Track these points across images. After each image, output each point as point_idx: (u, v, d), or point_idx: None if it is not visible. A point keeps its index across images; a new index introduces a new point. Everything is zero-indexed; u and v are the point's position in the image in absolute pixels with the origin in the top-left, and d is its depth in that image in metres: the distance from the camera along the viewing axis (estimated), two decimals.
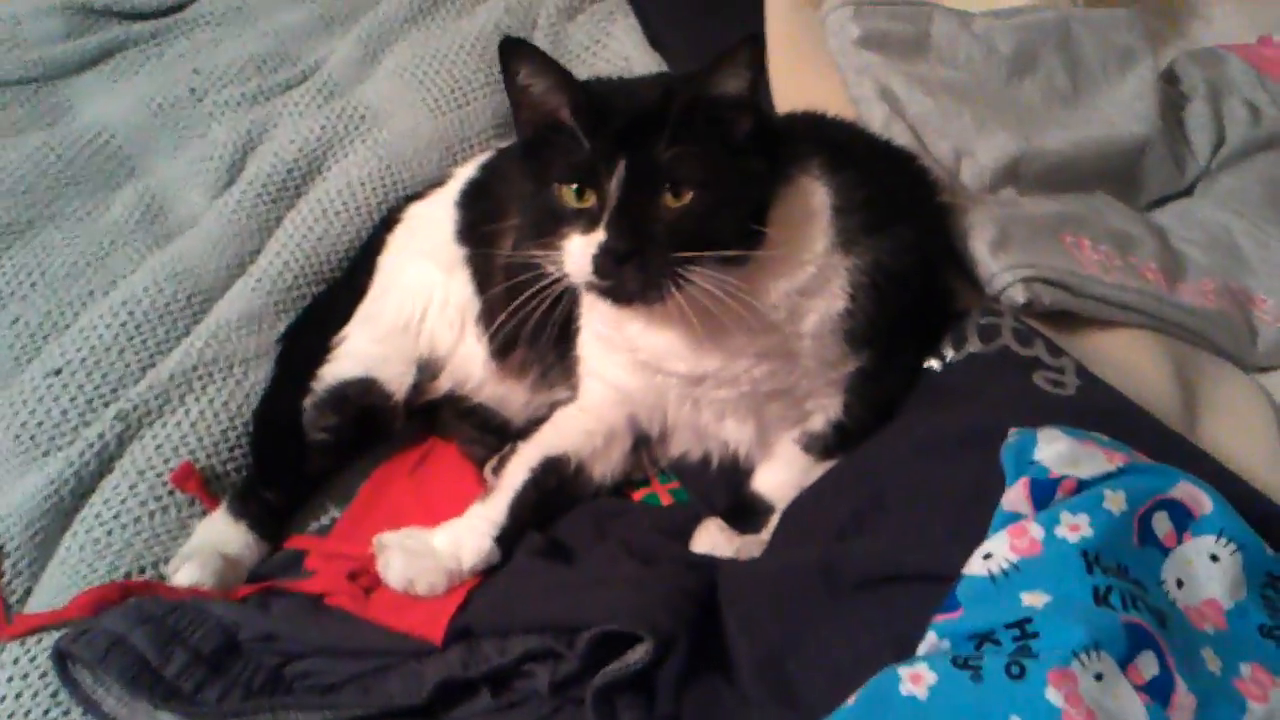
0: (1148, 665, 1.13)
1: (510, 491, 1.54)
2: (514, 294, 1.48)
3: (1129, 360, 1.64)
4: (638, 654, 1.27)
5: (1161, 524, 1.26)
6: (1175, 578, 1.24)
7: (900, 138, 1.79)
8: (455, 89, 2.15)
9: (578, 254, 1.34)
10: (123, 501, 1.56)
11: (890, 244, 1.47)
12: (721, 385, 1.48)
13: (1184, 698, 1.12)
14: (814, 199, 1.45)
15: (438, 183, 1.93)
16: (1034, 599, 1.17)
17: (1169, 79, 2.23)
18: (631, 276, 1.33)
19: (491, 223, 1.73)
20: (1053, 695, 1.07)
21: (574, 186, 1.35)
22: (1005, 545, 1.23)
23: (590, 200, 1.34)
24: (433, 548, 1.47)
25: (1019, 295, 1.58)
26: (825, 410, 1.53)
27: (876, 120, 1.83)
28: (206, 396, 1.69)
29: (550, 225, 1.38)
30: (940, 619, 1.21)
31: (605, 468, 1.62)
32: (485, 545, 1.48)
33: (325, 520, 1.67)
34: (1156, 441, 1.41)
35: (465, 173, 1.85)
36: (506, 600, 1.39)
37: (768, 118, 1.43)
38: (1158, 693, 1.12)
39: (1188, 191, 2.11)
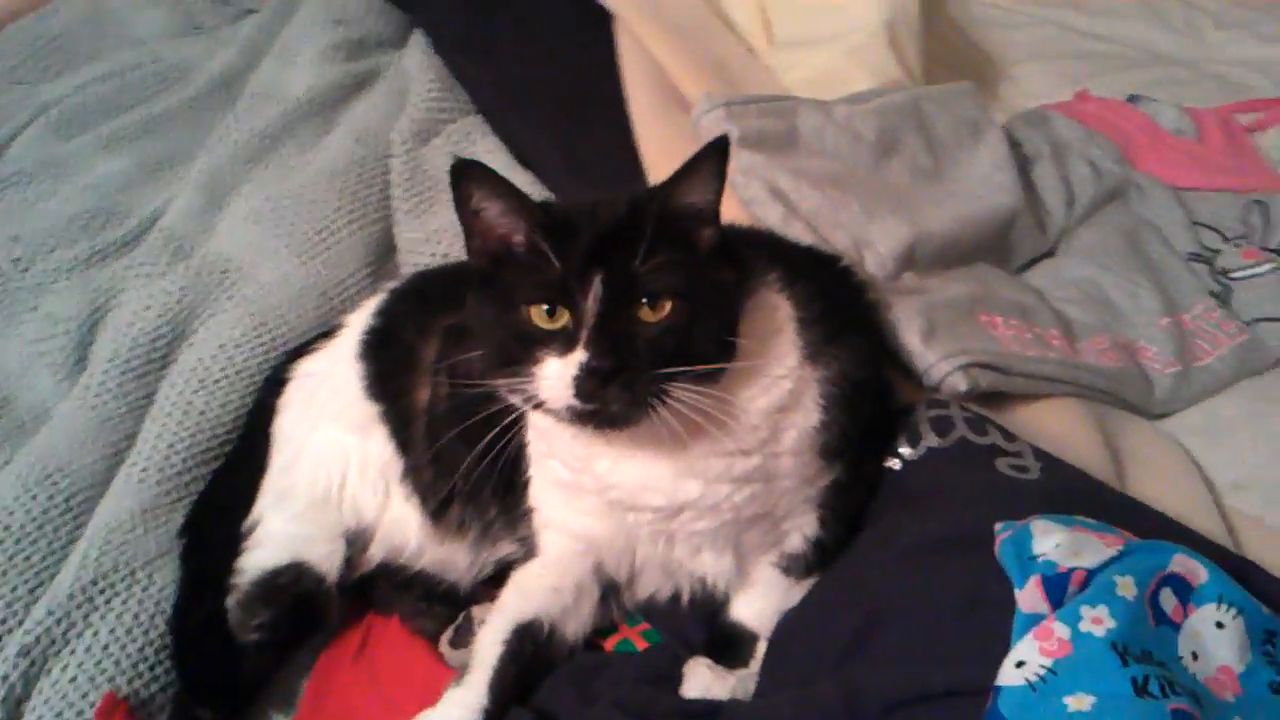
0: None
1: (487, 669, 1.42)
2: (460, 439, 1.43)
3: (1059, 430, 1.67)
4: None
5: (1168, 600, 1.27)
6: (1190, 651, 1.25)
7: (800, 236, 1.78)
8: (319, 230, 2.02)
9: (555, 377, 1.26)
10: None
11: (849, 352, 1.45)
12: (701, 515, 1.41)
13: None
14: (779, 312, 1.42)
15: (324, 334, 1.80)
16: (1079, 702, 1.15)
17: (1010, 143, 2.31)
18: (615, 396, 1.25)
19: (403, 372, 1.63)
20: None
21: (545, 307, 1.27)
22: (1035, 650, 1.21)
23: (563, 320, 1.27)
24: None
25: (960, 383, 1.59)
26: (801, 528, 1.49)
27: (773, 220, 1.82)
28: (113, 612, 1.51)
29: (519, 351, 1.29)
30: None
31: (577, 625, 1.53)
32: None
33: None
34: (1126, 515, 1.43)
35: (359, 321, 1.73)
36: None
37: (731, 240, 1.38)
38: None
39: (1050, 252, 2.19)
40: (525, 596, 1.51)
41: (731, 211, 1.82)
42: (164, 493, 1.67)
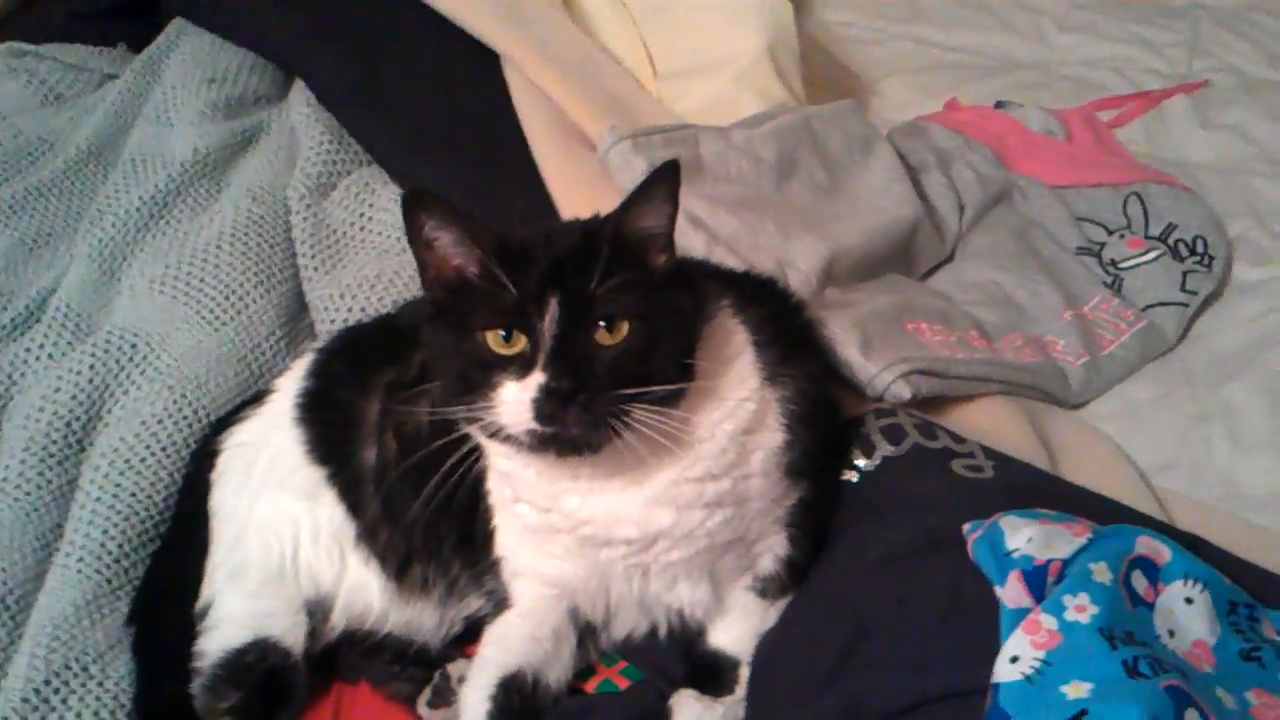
0: None
1: None
2: (414, 492, 1.42)
3: (993, 428, 1.72)
4: None
5: (1139, 581, 1.32)
6: (1166, 629, 1.30)
7: (725, 261, 1.80)
8: (227, 294, 1.95)
9: (513, 400, 1.26)
10: None
11: (803, 372, 1.47)
12: (676, 545, 1.41)
13: None
14: (736, 337, 1.44)
15: (251, 401, 1.74)
16: (1076, 689, 1.18)
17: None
18: (575, 418, 1.25)
19: (346, 433, 1.59)
20: None
21: (501, 333, 1.27)
22: (1027, 644, 1.24)
23: (520, 344, 1.27)
24: None
25: (904, 391, 1.63)
26: (773, 549, 1.50)
27: (697, 248, 1.83)
28: (71, 711, 1.44)
29: (477, 377, 1.29)
30: None
31: (559, 671, 1.50)
32: None
33: None
34: (1079, 504, 1.49)
35: (289, 385, 1.67)
36: None
37: (686, 268, 1.40)
38: None
39: (948, 258, 2.26)
40: (505, 648, 1.48)
41: None
42: (104, 581, 1.59)
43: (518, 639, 1.49)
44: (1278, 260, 2.28)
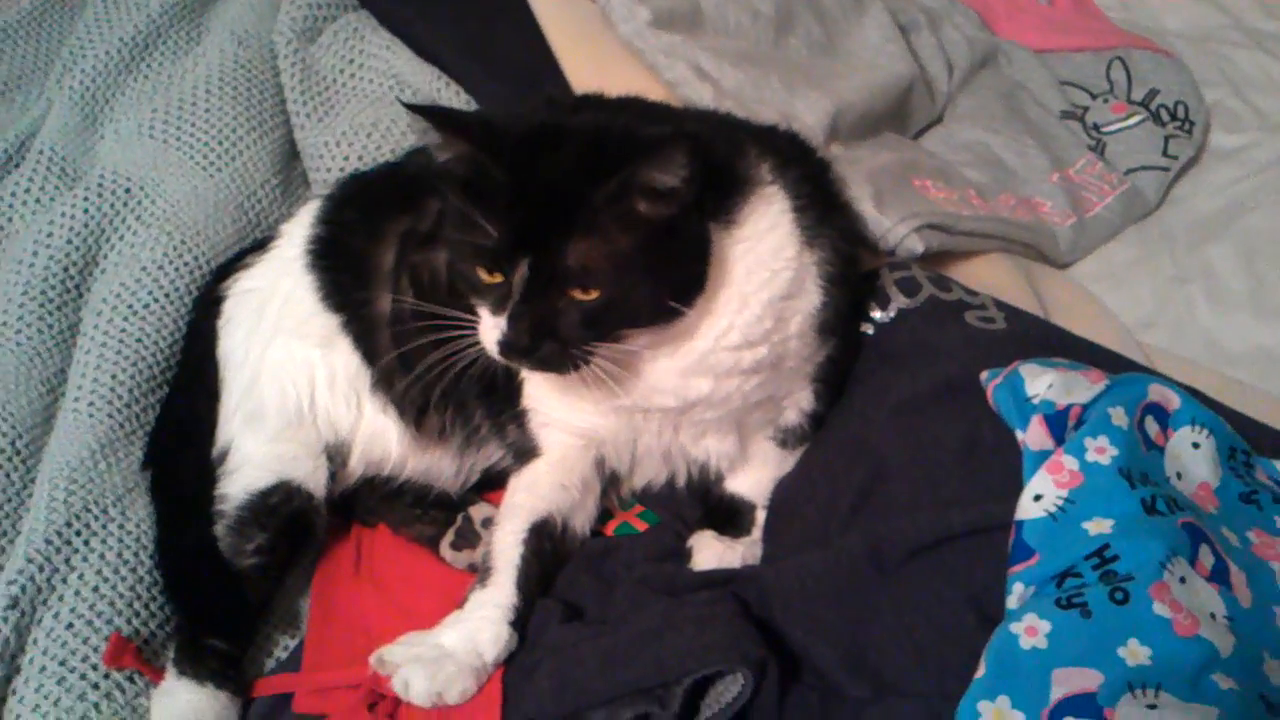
0: (1206, 557, 1.23)
1: (511, 569, 1.42)
2: (438, 346, 1.42)
3: (994, 284, 1.75)
4: (734, 689, 1.23)
5: (1151, 426, 1.37)
6: (1175, 471, 1.36)
7: (735, 113, 1.79)
8: (220, 140, 1.91)
9: (487, 329, 1.33)
10: (55, 702, 1.30)
11: (837, 232, 1.48)
12: (711, 408, 1.44)
13: (1237, 576, 1.24)
14: (774, 205, 1.42)
15: (255, 248, 1.71)
16: (1098, 526, 1.24)
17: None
18: (534, 361, 1.32)
19: (360, 280, 1.57)
20: (1159, 609, 1.15)
21: (482, 267, 1.30)
22: (1050, 483, 1.29)
23: (498, 278, 1.29)
24: (447, 650, 1.33)
25: (917, 244, 1.65)
26: (798, 403, 1.53)
27: (705, 100, 1.82)
28: (94, 553, 1.43)
29: (468, 289, 1.35)
30: (1019, 568, 1.25)
31: (584, 517, 1.54)
32: (504, 632, 1.36)
33: (280, 654, 1.47)
34: (1087, 354, 1.53)
35: (298, 231, 1.64)
36: (567, 679, 1.28)
37: (716, 157, 1.36)
38: (1220, 578, 1.22)
39: (938, 119, 2.27)
40: (536, 495, 1.51)
41: (659, 95, 1.81)
42: (116, 425, 1.58)
43: (548, 486, 1.51)
44: (1252, 128, 2.32)
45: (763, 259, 1.39)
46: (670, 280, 1.32)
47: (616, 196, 1.25)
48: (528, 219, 1.26)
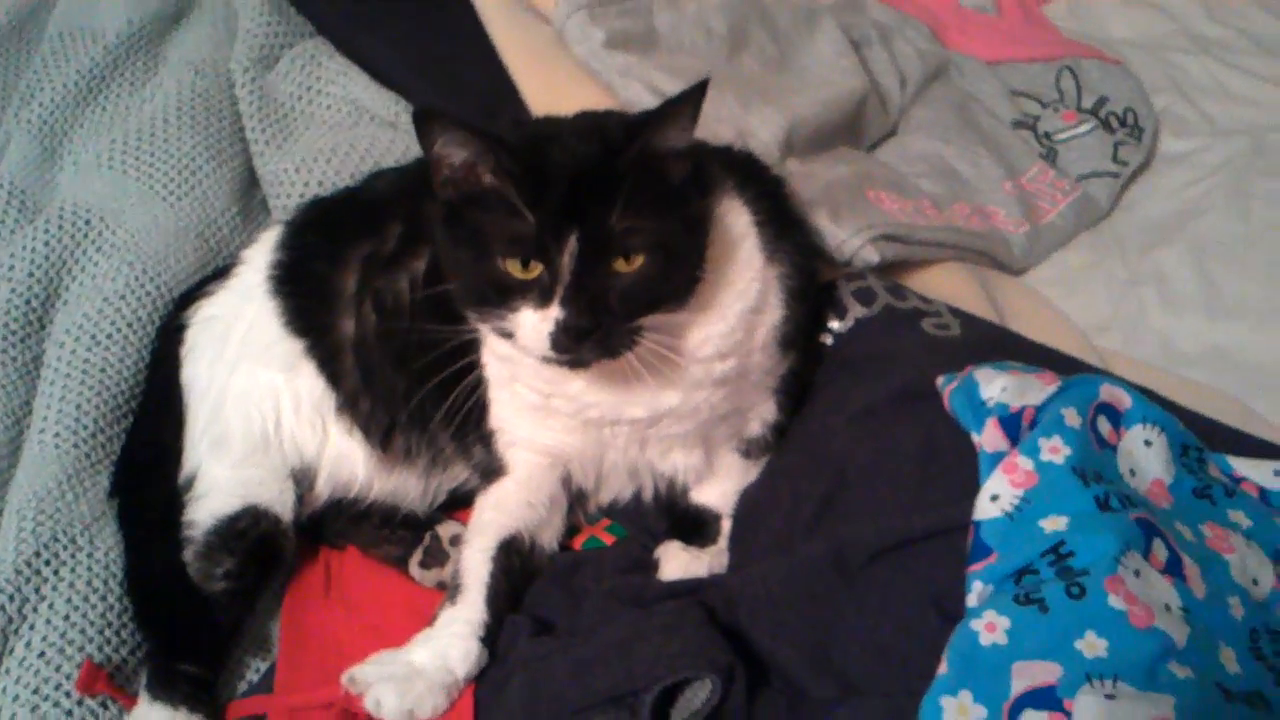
0: (1160, 551, 1.25)
1: (481, 586, 1.44)
2: (403, 369, 1.48)
3: (950, 292, 1.78)
4: (702, 695, 1.25)
5: (1104, 425, 1.40)
6: (1128, 469, 1.39)
7: None
8: (180, 170, 1.92)
9: (531, 329, 1.28)
10: None
11: (794, 246, 1.51)
12: (679, 420, 1.46)
13: (1190, 568, 1.26)
14: (741, 219, 1.45)
15: (216, 275, 1.73)
16: (1053, 523, 1.26)
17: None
18: (590, 350, 1.29)
19: (323, 305, 1.59)
20: (1114, 602, 1.17)
21: (519, 260, 1.27)
22: (1006, 483, 1.31)
23: (537, 271, 1.27)
24: (418, 667, 1.35)
25: (873, 255, 1.68)
26: (761, 415, 1.56)
27: None
28: (64, 581, 1.44)
29: (494, 297, 1.30)
30: (978, 567, 1.27)
31: (552, 534, 1.56)
32: (474, 648, 1.38)
33: (253, 677, 1.48)
34: (1041, 358, 1.56)
35: (260, 257, 1.66)
36: (538, 690, 1.30)
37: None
38: (1174, 571, 1.25)
39: (892, 132, 2.30)
40: (504, 513, 1.52)
41: None
42: (83, 455, 1.59)
43: (515, 504, 1.53)
44: (1201, 132, 2.36)
45: (738, 268, 1.42)
46: (694, 247, 1.35)
47: (640, 160, 1.27)
48: (564, 200, 1.25)
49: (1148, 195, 2.25)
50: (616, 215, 1.25)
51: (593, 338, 1.27)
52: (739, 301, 1.41)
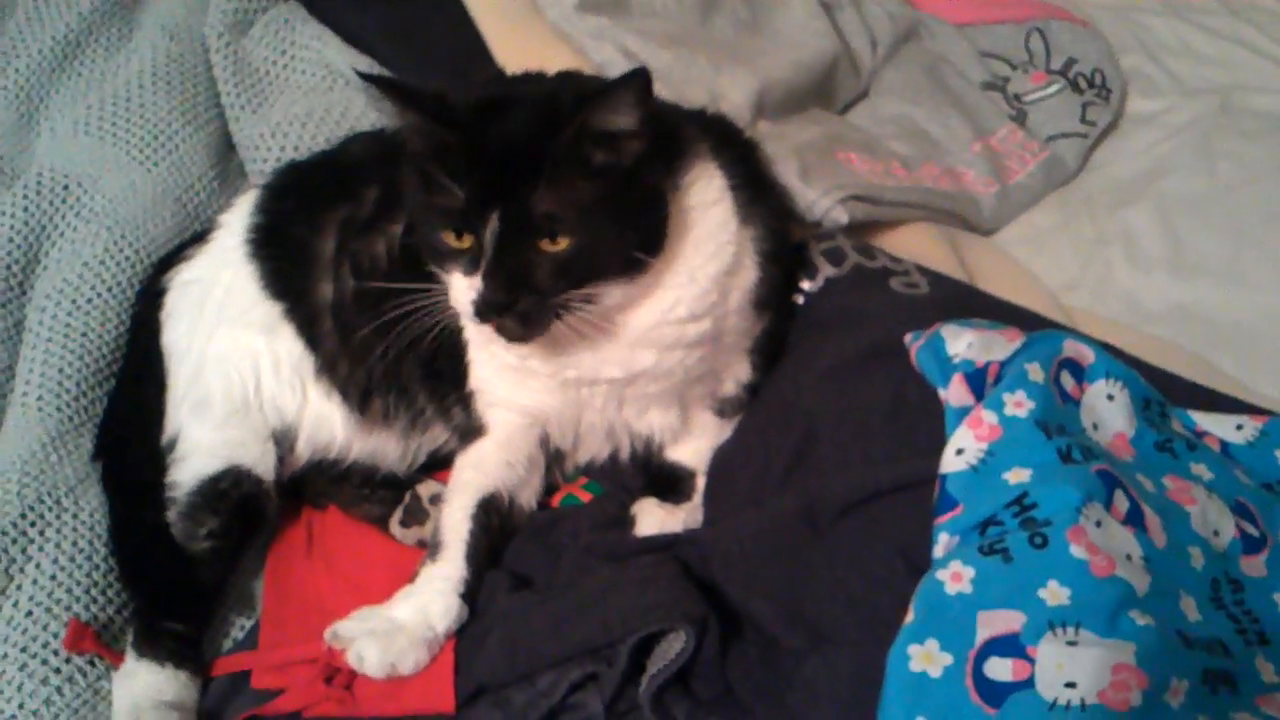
0: (1121, 502, 1.29)
1: (461, 544, 1.46)
2: (380, 332, 1.48)
3: (919, 252, 1.81)
4: (676, 646, 1.28)
5: (1067, 380, 1.43)
6: (1091, 423, 1.42)
7: (662, 94, 1.83)
8: (156, 135, 1.93)
9: (460, 294, 1.33)
10: (18, 687, 1.33)
11: (768, 209, 1.53)
12: (655, 380, 1.48)
13: (1151, 519, 1.30)
14: (715, 181, 1.46)
15: (194, 240, 1.74)
16: (1016, 475, 1.30)
17: None
18: (511, 322, 1.33)
19: (301, 268, 1.60)
20: (1076, 550, 1.21)
21: (452, 231, 1.32)
22: (970, 437, 1.35)
23: (469, 241, 1.31)
24: (400, 623, 1.38)
25: (842, 215, 1.70)
26: (736, 375, 1.59)
27: None
28: (50, 542, 1.46)
29: (435, 258, 1.36)
30: (943, 519, 1.31)
31: (530, 493, 1.58)
32: (454, 604, 1.41)
33: (238, 634, 1.51)
34: (1006, 315, 1.59)
35: (237, 221, 1.67)
36: (517, 644, 1.33)
37: (662, 119, 1.38)
38: (1135, 521, 1.28)
39: (863, 94, 2.32)
40: (482, 472, 1.54)
41: None
42: (66, 418, 1.61)
43: (494, 464, 1.55)
44: (1167, 93, 2.39)
45: (710, 231, 1.44)
46: (635, 228, 1.36)
47: (574, 142, 1.28)
48: (491, 177, 1.28)
49: (1115, 155, 2.28)
50: (538, 198, 1.27)
51: (512, 312, 1.31)
52: (712, 264, 1.43)
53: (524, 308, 1.31)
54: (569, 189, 1.28)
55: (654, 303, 1.41)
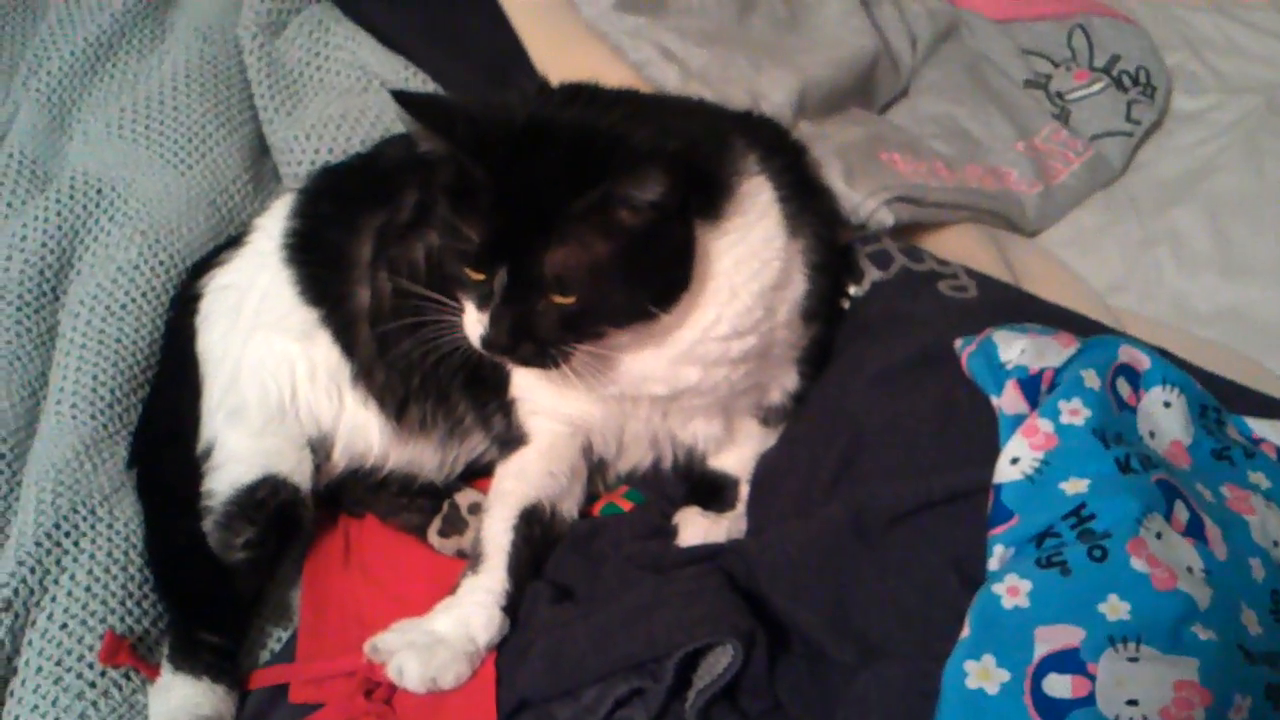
0: (1181, 513, 1.25)
1: (503, 555, 1.44)
2: (419, 339, 1.47)
3: (964, 254, 1.77)
4: (724, 661, 1.25)
5: (1124, 387, 1.40)
6: (1148, 430, 1.38)
7: (699, 95, 1.80)
8: (190, 138, 1.92)
9: (470, 324, 1.35)
10: (53, 702, 1.31)
11: (816, 218, 1.50)
12: (700, 395, 1.46)
13: (1212, 530, 1.26)
14: (762, 196, 1.42)
15: (230, 244, 1.72)
16: (1074, 486, 1.26)
17: None
18: (516, 358, 1.35)
19: (338, 274, 1.58)
20: (1137, 564, 1.17)
21: (467, 266, 1.32)
22: (1026, 446, 1.31)
23: (482, 276, 1.31)
24: (440, 636, 1.35)
25: (887, 217, 1.67)
26: (782, 384, 1.56)
27: (671, 82, 1.83)
28: (84, 553, 1.44)
29: (452, 284, 1.37)
30: (999, 530, 1.27)
31: (572, 502, 1.55)
32: (496, 617, 1.39)
33: (275, 646, 1.49)
34: (1058, 319, 1.56)
35: (273, 226, 1.64)
36: (560, 658, 1.30)
37: (696, 154, 1.34)
38: (1196, 533, 1.25)
39: (903, 93, 2.28)
40: (525, 482, 1.52)
41: (625, 77, 1.82)
42: (100, 426, 1.59)
43: (536, 473, 1.52)
44: (1213, 90, 2.35)
45: (753, 249, 1.40)
46: (650, 285, 1.33)
47: (595, 208, 1.25)
48: (507, 225, 1.27)
49: (1161, 154, 2.24)
50: (550, 257, 1.26)
51: (514, 354, 1.33)
52: (755, 281, 1.39)
53: (525, 353, 1.32)
54: (583, 250, 1.27)
55: (696, 320, 1.38)
